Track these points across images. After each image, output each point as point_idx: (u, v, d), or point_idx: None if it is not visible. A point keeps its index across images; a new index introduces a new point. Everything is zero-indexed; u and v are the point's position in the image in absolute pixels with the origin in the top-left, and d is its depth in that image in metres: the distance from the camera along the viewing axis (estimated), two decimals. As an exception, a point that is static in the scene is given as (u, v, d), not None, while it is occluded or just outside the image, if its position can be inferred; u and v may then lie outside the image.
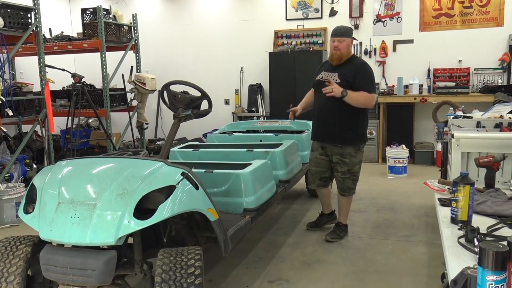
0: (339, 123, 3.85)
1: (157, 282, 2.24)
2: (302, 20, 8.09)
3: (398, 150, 6.53)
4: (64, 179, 2.51)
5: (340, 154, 3.92)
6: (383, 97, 7.42)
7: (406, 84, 7.37)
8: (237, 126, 5.76)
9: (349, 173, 3.96)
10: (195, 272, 2.26)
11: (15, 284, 2.39)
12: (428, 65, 7.42)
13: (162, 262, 2.30)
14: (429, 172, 6.41)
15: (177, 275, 2.24)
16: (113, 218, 2.29)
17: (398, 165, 6.50)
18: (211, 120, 6.44)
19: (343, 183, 4.00)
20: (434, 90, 7.28)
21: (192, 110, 3.12)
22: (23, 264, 2.44)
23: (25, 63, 7.70)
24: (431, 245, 3.91)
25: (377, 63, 7.77)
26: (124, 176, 2.44)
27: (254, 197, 3.36)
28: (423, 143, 7.46)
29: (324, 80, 3.85)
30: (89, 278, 2.28)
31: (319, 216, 4.37)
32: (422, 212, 4.82)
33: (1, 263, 2.44)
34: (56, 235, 2.34)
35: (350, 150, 3.90)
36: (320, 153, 4.04)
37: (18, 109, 5.39)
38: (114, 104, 7.24)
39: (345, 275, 3.39)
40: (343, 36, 3.88)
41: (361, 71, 3.87)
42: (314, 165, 4.11)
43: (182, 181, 2.49)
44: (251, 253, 3.85)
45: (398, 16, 7.59)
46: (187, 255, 2.35)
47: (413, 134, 7.63)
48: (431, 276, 3.30)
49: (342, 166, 3.93)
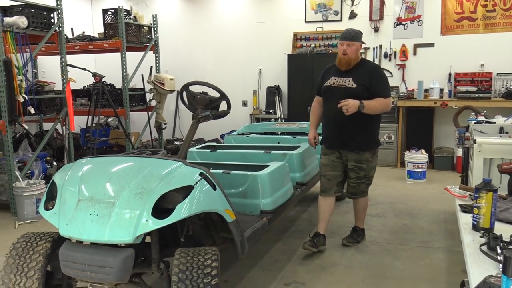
0: (356, 129, 3.69)
1: (174, 281, 2.25)
2: (322, 23, 8.06)
3: (417, 155, 6.45)
4: (84, 177, 2.54)
5: (356, 160, 3.77)
6: (403, 101, 7.34)
7: (426, 88, 7.27)
8: (255, 127, 5.75)
9: (365, 178, 3.86)
10: (212, 272, 2.26)
11: (34, 279, 2.43)
12: (449, 69, 7.31)
13: (179, 261, 2.31)
14: (449, 178, 6.31)
15: (194, 275, 2.24)
16: (131, 217, 2.31)
17: (417, 170, 6.41)
18: (228, 122, 6.45)
19: (356, 187, 3.87)
20: (455, 95, 7.17)
21: (211, 111, 3.13)
22: (43, 259, 2.47)
23: (47, 62, 7.83)
24: (450, 252, 3.84)
25: (397, 67, 7.69)
26: (142, 175, 2.45)
27: (271, 199, 3.36)
28: (443, 148, 7.35)
29: (337, 86, 3.71)
30: (107, 275, 2.30)
31: (316, 236, 3.80)
32: (441, 218, 4.74)
33: (22, 258, 2.48)
34: (75, 232, 2.37)
35: (368, 155, 3.78)
36: (336, 156, 3.84)
37: (40, 107, 5.47)
38: (133, 104, 7.30)
39: (361, 280, 3.36)
40: (352, 40, 3.68)
41: (377, 75, 3.74)
42: (331, 169, 3.84)
43: (200, 182, 2.49)
44: (267, 255, 3.83)
45: (419, 19, 7.50)
46: (204, 255, 2.35)
47: (433, 139, 7.52)
48: (450, 284, 3.24)
49: (358, 172, 3.79)
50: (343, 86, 3.69)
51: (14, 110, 4.95)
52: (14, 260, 2.48)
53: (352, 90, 3.65)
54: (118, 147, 7.70)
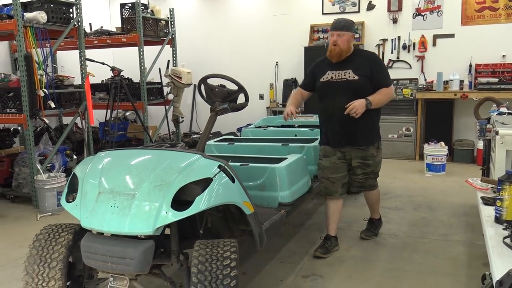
0: (360, 125, 3.48)
1: (193, 272, 2.27)
2: (339, 14, 7.97)
3: (437, 147, 6.36)
4: (104, 170, 2.57)
5: (361, 157, 3.60)
6: (422, 93, 7.25)
7: (446, 79, 7.16)
8: (272, 120, 5.74)
9: (372, 173, 3.71)
10: (231, 264, 2.27)
11: (57, 270, 2.47)
12: (470, 60, 7.17)
13: (198, 253, 2.32)
14: (469, 171, 6.23)
15: (213, 266, 2.26)
16: (151, 209, 2.33)
17: (436, 162, 6.33)
18: (245, 115, 6.45)
19: (364, 182, 3.73)
20: (476, 86, 7.04)
21: (229, 104, 3.13)
22: (65, 251, 2.51)
23: (66, 57, 7.93)
24: (471, 245, 3.79)
25: (416, 58, 7.58)
26: (162, 168, 2.47)
27: (289, 192, 3.36)
28: (463, 141, 7.24)
29: (337, 80, 3.51)
30: (127, 266, 2.33)
31: (326, 239, 3.71)
32: (461, 211, 4.68)
33: (44, 249, 2.52)
34: (96, 224, 2.40)
35: (372, 150, 3.61)
36: (338, 157, 3.62)
37: (59, 101, 5.54)
38: (151, 98, 7.36)
39: (380, 273, 3.34)
40: (343, 30, 3.47)
41: (377, 64, 3.57)
42: (334, 172, 3.62)
43: (219, 174, 2.50)
44: (284, 248, 3.84)
45: (438, 10, 7.37)
46: (223, 247, 2.36)
47: (452, 131, 7.41)
48: (471, 277, 3.20)
49: (364, 168, 3.63)
50: (344, 79, 3.49)
51: (35, 104, 5.03)
52: (37, 251, 2.52)
53: (354, 82, 3.46)
54: (136, 141, 7.78)
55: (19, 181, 5.47)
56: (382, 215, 4.56)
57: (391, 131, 7.44)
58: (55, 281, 2.45)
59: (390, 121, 7.43)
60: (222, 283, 2.21)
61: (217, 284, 2.21)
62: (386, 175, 6.29)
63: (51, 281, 2.46)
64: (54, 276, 2.46)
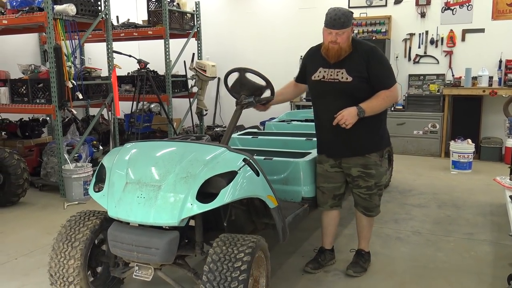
0: (359, 130, 2.95)
1: (205, 271, 2.28)
2: (366, 8, 7.87)
3: (463, 145, 6.24)
4: (131, 161, 2.62)
5: (363, 165, 3.06)
6: (449, 89, 7.11)
7: (474, 75, 7.00)
8: (296, 115, 5.73)
9: (376, 187, 3.12)
10: (241, 267, 2.24)
11: (78, 250, 2.58)
12: (500, 56, 6.99)
13: (214, 251, 2.33)
14: (496, 169, 6.09)
15: (224, 267, 2.25)
16: (177, 200, 2.36)
17: (463, 160, 6.21)
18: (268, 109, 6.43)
19: (369, 201, 3.15)
20: (506, 83, 6.86)
21: (255, 98, 3.14)
22: (89, 233, 2.63)
23: (94, 49, 8.05)
24: (497, 245, 3.73)
25: (444, 53, 7.44)
26: (188, 160, 2.50)
27: (312, 186, 3.35)
28: (491, 138, 7.09)
29: (328, 80, 3.00)
30: (152, 256, 2.38)
31: (320, 253, 3.39)
32: (487, 210, 4.59)
33: (72, 229, 2.66)
34: (123, 214, 2.45)
35: (375, 158, 3.07)
36: (331, 165, 3.16)
37: (87, 93, 5.64)
38: (176, 90, 7.42)
39: (403, 270, 3.31)
40: (343, 28, 2.88)
41: (375, 60, 2.94)
42: (325, 181, 3.21)
43: (243, 167, 2.52)
44: (306, 242, 3.84)
45: (468, 4, 7.19)
46: (240, 246, 2.32)
47: (480, 129, 7.26)
48: (497, 277, 3.15)
49: (367, 180, 3.07)
50: (335, 80, 2.97)
51: (63, 95, 5.14)
52: (66, 230, 2.67)
53: (348, 85, 2.93)
54: (160, 133, 7.87)
55: (47, 170, 5.61)
56: (406, 212, 4.53)
57: (417, 128, 7.34)
58: (74, 260, 2.57)
59: (416, 117, 7.33)
60: (229, 286, 2.20)
61: (225, 286, 2.21)
62: (410, 172, 6.22)
63: (71, 260, 2.58)
64: (74, 255, 2.58)
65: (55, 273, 2.62)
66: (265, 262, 2.59)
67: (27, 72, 5.59)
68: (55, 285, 2.66)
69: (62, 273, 2.60)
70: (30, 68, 5.63)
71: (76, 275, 2.58)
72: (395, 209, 4.65)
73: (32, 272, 3.35)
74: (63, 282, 2.61)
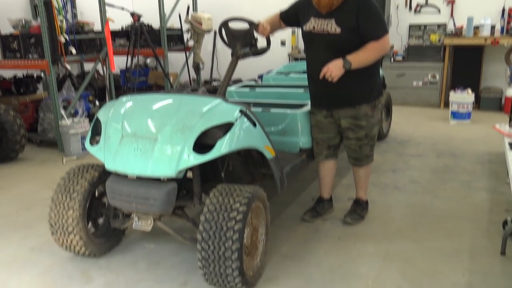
0: (348, 81, 2.88)
1: (202, 220, 2.30)
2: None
3: (463, 95, 6.19)
4: (126, 114, 2.59)
5: (353, 117, 3.02)
6: (450, 38, 6.97)
7: (476, 25, 6.85)
8: (294, 67, 5.65)
9: (366, 138, 3.09)
10: (237, 217, 2.26)
11: (76, 200, 2.63)
12: (503, 4, 6.81)
13: (210, 201, 2.34)
14: (496, 119, 6.06)
15: (220, 217, 2.27)
16: (173, 152, 2.36)
17: (462, 110, 6.18)
18: (266, 62, 6.35)
19: (359, 152, 3.15)
20: (508, 32, 6.72)
21: (250, 48, 3.07)
22: (87, 185, 2.67)
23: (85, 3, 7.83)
24: (493, 192, 3.76)
25: (445, 2, 7.25)
26: (183, 112, 2.48)
27: (310, 137, 3.34)
28: (491, 88, 7.03)
29: (317, 32, 2.90)
30: (151, 207, 2.40)
31: (318, 202, 3.43)
32: (485, 159, 4.61)
33: (71, 180, 2.69)
34: (120, 166, 2.45)
35: (366, 109, 3.01)
36: (324, 115, 3.13)
37: (80, 48, 5.53)
38: (171, 44, 7.27)
39: (400, 218, 3.36)
40: None
41: (364, 10, 2.81)
42: (319, 132, 3.20)
43: (240, 118, 2.50)
44: (304, 192, 3.88)
45: None
46: (236, 197, 2.33)
47: (480, 79, 7.18)
48: (492, 223, 3.20)
49: (356, 131, 3.05)
50: (325, 32, 2.87)
51: (56, 50, 5.04)
52: (65, 182, 2.70)
53: (336, 37, 2.84)
54: (157, 87, 7.79)
55: (44, 126, 5.59)
56: (404, 162, 4.56)
57: (416, 79, 7.26)
58: (73, 211, 2.62)
59: (416, 68, 7.24)
60: (225, 235, 2.23)
61: (220, 236, 2.23)
62: (409, 123, 6.21)
63: (70, 210, 2.63)
64: (73, 206, 2.62)
65: (55, 223, 2.68)
66: (263, 211, 2.62)
67: (18, 27, 5.45)
68: (55, 235, 2.72)
69: (61, 223, 2.65)
70: (21, 22, 5.49)
71: (75, 225, 2.63)
72: (393, 159, 4.68)
73: (34, 224, 3.39)
74: (63, 232, 2.67)
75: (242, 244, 2.28)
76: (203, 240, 2.27)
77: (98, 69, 6.24)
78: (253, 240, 2.57)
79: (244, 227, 2.29)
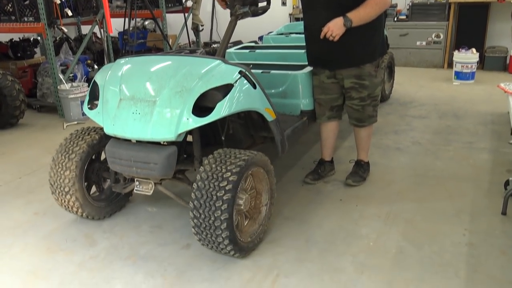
0: (351, 40, 2.83)
1: (193, 188, 2.29)
2: None
3: (467, 54, 6.07)
4: (124, 77, 2.55)
5: (356, 76, 2.98)
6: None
7: (483, -20, 6.65)
8: (295, 27, 5.51)
9: (369, 98, 3.05)
10: (227, 186, 2.21)
11: (73, 161, 2.65)
12: (511, -42, 6.58)
13: (204, 169, 2.31)
14: (500, 79, 5.97)
15: (211, 185, 2.24)
16: (173, 115, 2.33)
17: (466, 70, 6.08)
18: (266, 23, 6.20)
19: (361, 112, 3.10)
20: (515, -13, 6.53)
21: (250, 7, 2.98)
22: (86, 146, 2.68)
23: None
24: (495, 153, 3.75)
25: (451, -44, 7.00)
26: (182, 74, 2.43)
27: (311, 99, 3.29)
28: (496, 48, 6.89)
29: None
30: (151, 171, 2.39)
31: (319, 165, 3.41)
32: (488, 120, 4.57)
33: (71, 142, 2.71)
34: (119, 130, 2.43)
35: (370, 68, 2.97)
36: (327, 76, 3.08)
37: (76, 9, 5.40)
38: (169, 5, 7.11)
39: (401, 179, 3.36)
40: None
41: None
42: (321, 92, 3.15)
43: (240, 80, 2.46)
44: (306, 155, 3.87)
45: None
46: (229, 165, 2.28)
47: (485, 38, 7.03)
48: (494, 183, 3.20)
49: (359, 91, 3.01)
50: None
51: (52, 12, 4.93)
52: (66, 142, 2.73)
53: None
54: (156, 50, 7.66)
55: (43, 91, 5.54)
56: (406, 124, 4.53)
57: (420, 38, 7.12)
58: (70, 171, 2.64)
59: (419, 28, 7.08)
60: (214, 204, 2.21)
61: (210, 205, 2.22)
62: (412, 84, 6.14)
63: (67, 171, 2.64)
64: (70, 166, 2.64)
65: (54, 183, 2.71)
66: (266, 176, 2.58)
67: (11, -11, 5.30)
68: (55, 194, 2.76)
69: (59, 183, 2.68)
70: (14, -16, 5.33)
71: (72, 185, 2.65)
72: (396, 121, 4.64)
73: (36, 189, 3.41)
74: (61, 192, 2.70)
75: (232, 213, 2.25)
76: (194, 208, 2.26)
77: (95, 31, 6.12)
78: (257, 204, 2.57)
79: (235, 196, 2.25)
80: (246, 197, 2.40)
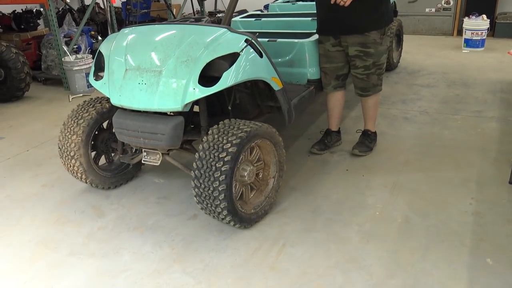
0: (358, 7, 2.81)
1: (196, 158, 2.29)
2: None
3: (478, 21, 5.95)
4: (129, 47, 2.52)
5: (361, 44, 2.95)
6: (466, -40, 6.59)
7: None
8: (301, -6, 5.40)
9: (374, 67, 3.02)
10: (225, 158, 2.20)
11: (81, 126, 2.69)
12: None
13: (206, 139, 2.30)
14: (510, 46, 5.88)
15: (211, 156, 2.23)
16: (179, 85, 2.30)
17: (476, 37, 5.97)
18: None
19: (366, 81, 3.08)
20: (528, -50, 6.34)
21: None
22: (95, 114, 2.72)
23: None
24: (504, 121, 3.71)
25: None
26: (187, 43, 2.39)
27: (318, 68, 3.25)
28: (507, 14, 6.74)
29: None
30: (159, 141, 2.39)
31: (326, 135, 3.41)
32: (497, 88, 4.51)
33: (82, 108, 2.75)
34: (126, 101, 2.42)
35: (375, 36, 2.93)
36: (332, 44, 3.05)
37: (78, -21, 5.32)
38: (173, -26, 6.97)
39: (408, 148, 3.35)
40: None
41: None
42: (327, 61, 3.13)
43: (246, 48, 2.42)
44: (312, 125, 3.85)
45: None
46: (230, 136, 2.26)
47: (497, 3, 6.87)
48: (501, 152, 3.18)
49: (364, 59, 2.99)
50: None
51: (54, -18, 4.85)
52: (78, 108, 2.77)
53: None
54: (160, 20, 7.57)
55: (48, 63, 5.51)
56: (414, 93, 4.48)
57: (429, 5, 6.97)
58: (76, 136, 2.68)
59: (428, -6, 6.92)
60: (213, 175, 2.20)
61: (209, 175, 2.22)
62: (420, 52, 6.04)
63: (74, 135, 2.68)
64: (77, 131, 2.68)
65: (62, 146, 2.75)
66: (273, 148, 2.56)
67: (12, -42, 5.22)
68: (62, 158, 2.80)
69: (66, 147, 2.72)
70: (15, -47, 5.25)
71: (77, 150, 2.69)
72: (403, 90, 4.59)
73: (44, 162, 3.43)
74: (67, 156, 2.74)
75: (231, 185, 2.25)
76: (196, 177, 2.27)
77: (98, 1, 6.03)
78: (264, 176, 2.57)
79: (233, 168, 2.24)
80: (251, 169, 2.39)
